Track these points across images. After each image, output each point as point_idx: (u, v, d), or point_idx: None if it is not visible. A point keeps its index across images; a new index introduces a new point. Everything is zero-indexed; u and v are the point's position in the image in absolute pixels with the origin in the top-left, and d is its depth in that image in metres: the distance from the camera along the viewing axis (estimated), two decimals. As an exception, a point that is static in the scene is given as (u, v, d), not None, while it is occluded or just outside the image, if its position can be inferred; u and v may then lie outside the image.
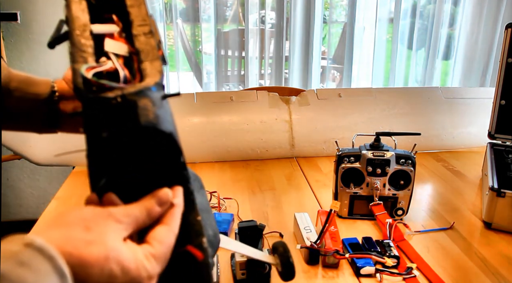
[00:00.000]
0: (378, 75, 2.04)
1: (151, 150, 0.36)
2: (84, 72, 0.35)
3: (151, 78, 0.36)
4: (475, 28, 1.94)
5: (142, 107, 0.34)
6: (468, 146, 1.22)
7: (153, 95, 0.36)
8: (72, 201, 0.91)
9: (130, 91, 0.34)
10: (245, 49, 1.99)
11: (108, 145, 0.35)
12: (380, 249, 0.70)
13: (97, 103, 0.34)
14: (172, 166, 0.38)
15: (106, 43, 0.39)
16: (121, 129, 0.34)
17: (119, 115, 0.34)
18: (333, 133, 1.15)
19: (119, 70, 0.37)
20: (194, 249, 0.38)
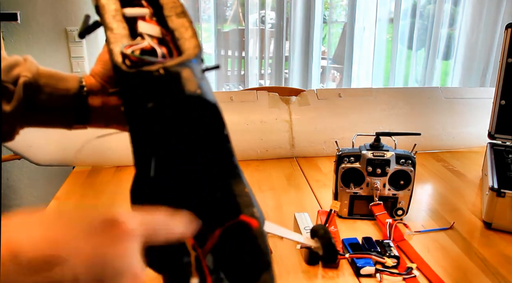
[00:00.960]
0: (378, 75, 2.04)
1: (195, 121, 0.36)
2: (124, 49, 0.35)
3: (191, 51, 0.36)
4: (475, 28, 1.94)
5: (185, 78, 0.34)
6: (468, 146, 1.22)
7: (195, 67, 0.35)
8: (72, 201, 0.91)
9: (172, 63, 0.34)
10: (245, 49, 1.99)
11: (153, 116, 0.35)
12: (380, 249, 0.70)
13: (140, 77, 0.34)
14: (216, 138, 0.37)
15: (139, 25, 0.39)
16: (166, 99, 0.34)
17: (163, 86, 0.34)
18: (333, 133, 1.15)
19: (156, 48, 0.37)
20: (248, 218, 0.37)
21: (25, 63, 0.47)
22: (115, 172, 1.06)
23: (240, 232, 0.37)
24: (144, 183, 0.37)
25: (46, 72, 0.48)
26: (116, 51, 0.35)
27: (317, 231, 0.52)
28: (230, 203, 0.37)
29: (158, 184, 0.37)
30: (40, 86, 0.47)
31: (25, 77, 0.46)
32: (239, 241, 0.38)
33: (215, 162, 0.38)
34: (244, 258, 0.38)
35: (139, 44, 0.36)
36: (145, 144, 0.36)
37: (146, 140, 0.36)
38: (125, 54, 0.34)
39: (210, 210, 0.38)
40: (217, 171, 0.38)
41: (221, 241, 0.37)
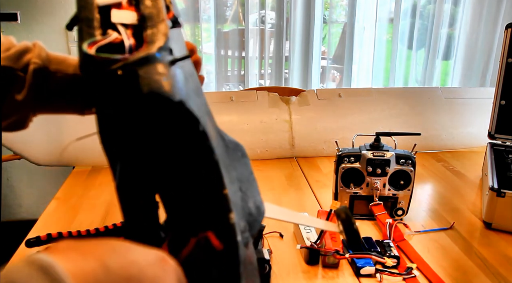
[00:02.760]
0: (378, 75, 2.04)
1: (162, 122, 0.33)
2: (87, 49, 0.33)
3: (155, 43, 0.34)
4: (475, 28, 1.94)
5: (143, 76, 0.32)
6: (468, 146, 1.22)
7: (158, 62, 0.33)
8: (72, 201, 0.91)
9: (132, 59, 0.32)
10: (245, 49, 1.99)
11: (115, 122, 0.33)
12: (380, 249, 0.70)
13: (100, 79, 0.32)
14: (191, 137, 0.35)
15: (112, 14, 0.36)
16: (124, 102, 0.32)
17: (121, 87, 0.32)
18: (333, 133, 1.15)
19: (125, 40, 0.34)
20: (213, 236, 0.35)
21: (35, 49, 0.46)
22: (115, 172, 1.06)
23: (207, 248, 0.35)
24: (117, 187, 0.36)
25: (56, 57, 0.47)
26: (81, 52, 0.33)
27: (339, 215, 0.50)
28: (206, 208, 0.35)
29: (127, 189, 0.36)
30: (51, 72, 0.46)
31: (35, 64, 0.45)
32: (207, 257, 0.36)
33: (193, 161, 0.35)
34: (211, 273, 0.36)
35: (106, 38, 0.34)
36: (115, 152, 0.35)
37: (115, 147, 0.35)
38: (89, 54, 0.32)
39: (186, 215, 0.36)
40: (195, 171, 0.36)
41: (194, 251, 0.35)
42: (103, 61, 0.32)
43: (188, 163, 0.35)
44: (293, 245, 0.74)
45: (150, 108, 0.32)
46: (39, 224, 0.82)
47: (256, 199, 0.41)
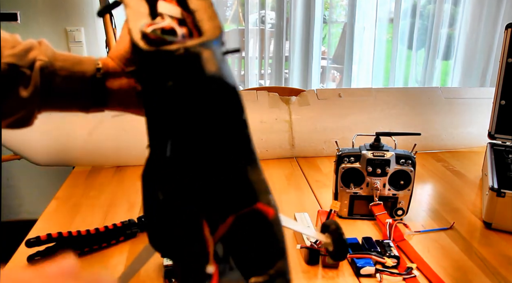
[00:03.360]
0: (378, 75, 2.04)
1: (215, 103, 0.34)
2: (143, 27, 0.34)
3: (212, 33, 0.35)
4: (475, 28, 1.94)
5: (206, 59, 0.33)
6: (468, 146, 1.22)
7: (215, 49, 0.34)
8: (72, 201, 0.91)
9: (192, 43, 0.33)
10: (245, 49, 1.99)
11: (172, 96, 0.34)
12: (380, 249, 0.70)
13: (159, 56, 0.33)
14: (234, 122, 0.36)
15: (159, 5, 0.38)
16: (186, 79, 0.33)
17: (183, 66, 0.33)
18: (333, 133, 1.15)
19: (176, 28, 0.36)
20: (264, 206, 0.36)
21: (41, 47, 0.46)
22: (115, 172, 1.06)
23: (255, 220, 0.36)
24: (157, 167, 0.36)
25: (61, 55, 0.47)
26: (135, 29, 0.34)
27: (328, 226, 0.51)
28: (246, 189, 0.36)
29: (172, 167, 0.36)
30: (56, 69, 0.46)
31: (41, 61, 0.45)
32: (253, 229, 0.36)
33: (233, 146, 0.37)
34: (258, 246, 0.36)
35: (159, 23, 0.35)
36: (162, 125, 0.35)
37: (163, 121, 0.35)
38: (145, 32, 0.34)
39: (225, 196, 0.37)
40: (234, 156, 0.37)
41: (233, 229, 0.35)
42: (160, 41, 0.33)
43: (228, 146, 0.36)
44: (293, 245, 0.74)
45: (209, 88, 0.33)
46: (39, 224, 0.82)
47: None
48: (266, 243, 0.36)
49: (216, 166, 0.37)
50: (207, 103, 0.34)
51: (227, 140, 0.36)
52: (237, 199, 0.37)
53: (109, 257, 0.71)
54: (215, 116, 0.35)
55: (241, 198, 0.36)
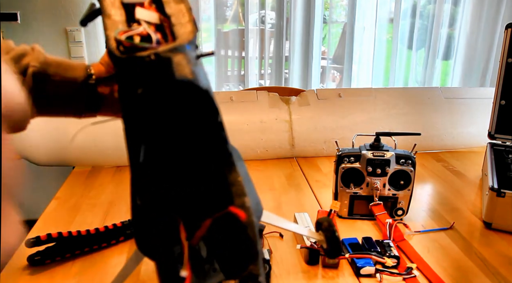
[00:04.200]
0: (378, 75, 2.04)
1: (186, 107, 0.35)
2: (117, 35, 0.35)
3: (185, 37, 0.36)
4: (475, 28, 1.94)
5: (176, 63, 0.34)
6: (468, 146, 1.22)
7: (188, 53, 0.35)
8: (72, 201, 0.91)
9: (164, 48, 0.34)
10: (245, 49, 1.99)
11: (142, 102, 0.34)
12: (380, 249, 0.70)
13: (131, 62, 0.34)
14: (208, 125, 0.37)
15: (137, 11, 0.39)
16: (155, 85, 0.34)
17: (153, 71, 0.34)
18: (333, 133, 1.15)
19: (151, 33, 0.36)
20: (236, 209, 0.37)
21: (33, 53, 0.46)
22: (115, 172, 1.06)
23: (228, 223, 0.37)
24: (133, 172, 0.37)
25: (54, 61, 0.48)
26: (111, 37, 0.35)
27: (321, 224, 0.52)
28: (222, 192, 0.37)
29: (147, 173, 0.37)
30: (49, 75, 0.47)
31: (34, 67, 0.45)
32: (227, 232, 0.37)
33: (208, 149, 0.37)
34: (231, 249, 0.37)
35: (134, 30, 0.36)
36: (134, 130, 0.36)
37: (135, 126, 0.36)
38: (119, 39, 0.34)
39: (202, 199, 0.38)
40: (210, 158, 0.38)
41: (211, 231, 0.36)
42: (133, 47, 0.34)
43: (203, 150, 0.37)
44: (293, 245, 0.74)
45: (179, 92, 0.34)
46: (39, 224, 0.82)
47: (255, 197, 0.43)
48: (239, 247, 0.37)
49: (192, 170, 0.37)
50: (179, 107, 0.35)
51: (202, 143, 0.37)
52: (213, 202, 0.37)
53: (109, 257, 0.71)
54: (187, 120, 0.36)
55: (218, 201, 0.37)
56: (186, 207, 0.38)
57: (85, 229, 0.72)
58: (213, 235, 0.37)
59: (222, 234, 0.37)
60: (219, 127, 0.37)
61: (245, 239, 0.37)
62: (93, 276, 0.66)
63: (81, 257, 0.71)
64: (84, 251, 0.71)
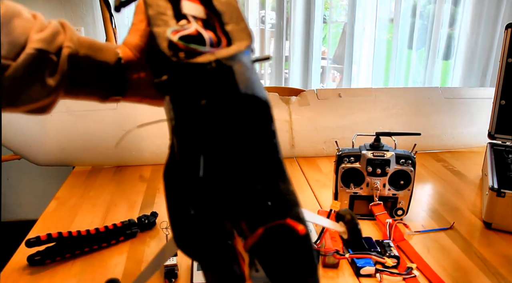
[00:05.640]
0: (378, 75, 2.04)
1: (248, 120, 0.33)
2: (171, 36, 0.32)
3: (242, 41, 0.33)
4: (475, 28, 1.94)
5: (239, 73, 0.32)
6: (468, 146, 1.22)
7: (246, 60, 0.33)
8: (72, 201, 0.91)
9: (224, 55, 0.32)
10: (245, 49, 1.98)
11: (205, 114, 0.32)
12: (380, 249, 0.70)
13: (190, 69, 0.31)
14: (263, 134, 0.35)
15: (183, 5, 0.36)
16: (219, 97, 0.31)
17: (215, 81, 0.31)
18: (333, 133, 1.15)
19: (203, 33, 0.34)
20: (293, 222, 0.35)
21: (66, 32, 0.43)
22: (115, 172, 1.06)
23: (285, 235, 0.35)
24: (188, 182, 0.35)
25: (86, 41, 0.45)
26: (162, 36, 0.33)
27: (343, 216, 0.51)
28: (275, 201, 0.35)
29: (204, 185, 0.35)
30: (82, 57, 0.44)
31: (69, 48, 0.42)
32: (283, 244, 0.35)
33: (262, 158, 0.35)
34: (288, 262, 0.35)
35: (186, 29, 0.33)
36: (194, 140, 0.34)
37: (195, 137, 0.34)
38: (173, 42, 0.32)
39: (255, 207, 0.36)
40: (263, 167, 0.36)
41: (262, 241, 0.34)
42: (188, 51, 0.32)
43: (258, 160, 0.35)
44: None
45: (243, 104, 0.32)
46: (39, 224, 0.82)
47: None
48: (297, 260, 0.35)
49: (247, 179, 0.36)
50: (240, 119, 0.33)
51: (257, 152, 0.35)
52: (266, 211, 0.35)
53: (109, 257, 0.71)
54: (247, 131, 0.34)
55: (271, 210, 0.35)
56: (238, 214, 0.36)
57: (85, 229, 0.72)
58: (265, 244, 0.35)
59: (277, 244, 0.35)
60: (272, 135, 0.36)
61: (303, 252, 0.35)
62: (93, 276, 0.67)
63: (81, 257, 0.71)
64: (84, 251, 0.71)
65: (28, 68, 0.39)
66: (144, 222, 0.78)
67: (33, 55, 0.39)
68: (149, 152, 1.09)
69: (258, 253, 0.35)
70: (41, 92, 0.42)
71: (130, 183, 1.00)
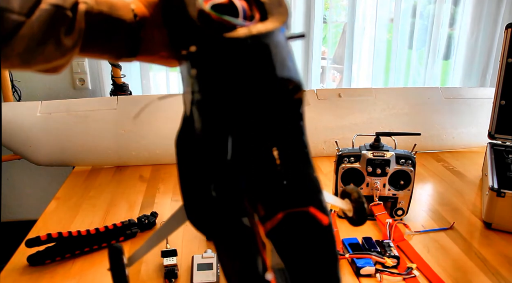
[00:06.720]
0: (378, 75, 2.04)
1: (280, 102, 0.32)
2: (202, 4, 0.30)
3: (278, 16, 0.31)
4: (475, 28, 1.94)
5: (275, 53, 0.29)
6: (468, 146, 1.22)
7: (282, 37, 0.30)
8: (72, 201, 0.91)
9: (261, 31, 0.29)
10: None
11: (237, 93, 0.30)
12: (380, 249, 0.70)
13: (223, 44, 0.29)
14: (292, 117, 0.33)
15: None
16: (254, 78, 0.29)
17: (251, 61, 0.29)
18: (333, 133, 1.15)
19: (237, 2, 0.31)
20: (318, 212, 0.33)
21: None
22: (115, 172, 1.06)
23: (307, 224, 0.33)
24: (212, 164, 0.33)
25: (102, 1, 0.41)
26: (192, 2, 0.30)
27: (350, 194, 0.50)
28: (298, 185, 0.33)
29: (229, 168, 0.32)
30: (98, 14, 0.40)
31: (85, 4, 0.39)
32: (305, 233, 0.33)
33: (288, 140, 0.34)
34: (309, 253, 0.33)
35: None
36: (222, 121, 0.32)
37: (222, 115, 0.31)
38: (205, 11, 0.29)
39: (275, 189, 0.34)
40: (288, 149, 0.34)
41: (281, 226, 0.32)
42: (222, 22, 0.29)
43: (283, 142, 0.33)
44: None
45: (278, 88, 0.30)
46: (39, 224, 0.82)
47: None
48: (318, 251, 0.33)
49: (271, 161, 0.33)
50: (273, 102, 0.31)
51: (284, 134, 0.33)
52: (287, 195, 0.33)
53: (109, 257, 0.71)
54: (278, 113, 0.32)
55: (292, 195, 0.33)
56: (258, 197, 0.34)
57: (85, 229, 0.72)
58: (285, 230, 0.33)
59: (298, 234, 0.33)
60: (300, 117, 0.33)
61: (325, 243, 0.33)
62: (93, 276, 0.66)
63: (81, 257, 0.71)
64: (84, 251, 0.71)
65: (43, 25, 0.36)
66: (144, 222, 0.78)
67: (49, 11, 0.36)
68: (149, 152, 1.09)
69: (276, 239, 0.33)
70: (57, 51, 0.39)
71: (130, 183, 1.00)
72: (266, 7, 0.31)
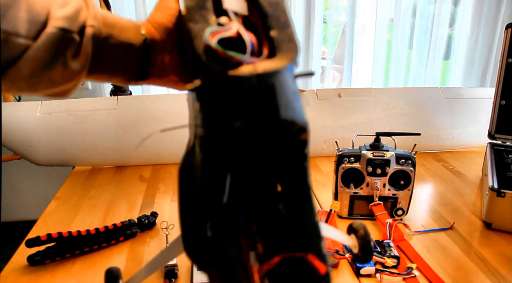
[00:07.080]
0: (378, 75, 2.04)
1: (283, 143, 0.30)
2: (209, 39, 0.28)
3: (287, 53, 0.29)
4: (475, 28, 1.94)
5: (280, 94, 0.28)
6: (468, 146, 1.22)
7: (289, 76, 0.29)
8: (72, 201, 0.91)
9: (267, 69, 0.28)
10: (245, 49, 1.98)
11: (238, 135, 0.29)
12: (380, 249, 0.70)
13: (226, 81, 0.28)
14: (296, 158, 0.32)
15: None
16: (257, 120, 0.28)
17: (255, 101, 0.28)
18: (333, 133, 1.15)
19: (245, 36, 0.30)
20: (316, 260, 0.31)
21: (89, 7, 0.39)
22: (115, 172, 1.06)
23: (304, 272, 0.32)
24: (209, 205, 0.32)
25: (109, 19, 0.40)
26: (199, 36, 0.29)
27: (356, 230, 0.49)
28: (297, 229, 0.32)
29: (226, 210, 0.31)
30: (105, 37, 0.39)
31: (93, 28, 0.38)
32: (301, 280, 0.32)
33: (290, 182, 0.32)
34: None
35: (227, 30, 0.29)
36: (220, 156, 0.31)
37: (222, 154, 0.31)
38: (212, 47, 0.28)
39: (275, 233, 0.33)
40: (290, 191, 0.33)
41: (277, 269, 0.31)
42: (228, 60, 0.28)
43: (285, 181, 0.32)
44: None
45: (280, 130, 0.29)
46: (39, 224, 0.82)
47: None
48: None
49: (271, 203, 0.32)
50: (275, 144, 0.30)
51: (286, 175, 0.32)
52: (286, 238, 0.32)
53: (109, 257, 0.71)
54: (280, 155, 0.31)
55: (291, 238, 0.32)
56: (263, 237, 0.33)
57: (85, 229, 0.72)
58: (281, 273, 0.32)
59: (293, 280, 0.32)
60: (304, 158, 0.32)
61: None
62: (93, 276, 0.67)
63: (81, 257, 0.71)
64: (84, 251, 0.71)
65: (50, 49, 0.36)
66: (144, 222, 0.78)
67: (56, 35, 0.35)
68: (149, 152, 1.09)
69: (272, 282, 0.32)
70: (64, 75, 0.38)
71: (130, 183, 1.00)
72: (275, 42, 0.30)
